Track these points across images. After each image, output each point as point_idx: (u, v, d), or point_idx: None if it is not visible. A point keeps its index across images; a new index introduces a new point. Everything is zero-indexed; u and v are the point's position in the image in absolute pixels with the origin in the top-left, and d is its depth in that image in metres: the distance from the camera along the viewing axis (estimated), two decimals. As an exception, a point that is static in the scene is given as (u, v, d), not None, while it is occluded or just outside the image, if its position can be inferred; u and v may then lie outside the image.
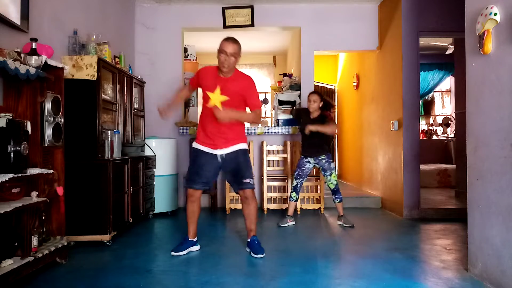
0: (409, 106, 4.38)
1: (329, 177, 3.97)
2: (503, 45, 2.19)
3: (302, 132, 3.99)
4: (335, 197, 4.00)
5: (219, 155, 2.90)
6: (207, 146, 2.91)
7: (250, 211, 2.99)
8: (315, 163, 3.98)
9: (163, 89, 5.10)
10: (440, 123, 8.16)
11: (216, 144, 2.88)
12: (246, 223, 3.05)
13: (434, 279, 2.40)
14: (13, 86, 2.48)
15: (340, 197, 3.99)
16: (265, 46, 7.53)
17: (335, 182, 3.99)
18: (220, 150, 2.89)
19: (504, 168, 2.16)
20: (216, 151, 2.89)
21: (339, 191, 4.00)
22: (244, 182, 2.93)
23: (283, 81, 5.61)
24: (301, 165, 4.00)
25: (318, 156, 3.94)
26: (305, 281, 2.37)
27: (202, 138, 2.94)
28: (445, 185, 6.58)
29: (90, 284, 2.34)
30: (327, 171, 3.95)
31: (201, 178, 2.93)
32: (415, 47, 4.40)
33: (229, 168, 2.95)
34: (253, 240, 2.97)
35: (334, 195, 4.00)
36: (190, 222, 3.01)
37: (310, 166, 4.00)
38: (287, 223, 3.95)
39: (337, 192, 3.99)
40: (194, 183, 2.93)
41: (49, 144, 2.60)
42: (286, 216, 4.03)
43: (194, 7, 5.12)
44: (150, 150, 4.41)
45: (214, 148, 2.89)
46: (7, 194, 2.28)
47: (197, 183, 2.93)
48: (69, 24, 3.36)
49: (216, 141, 2.88)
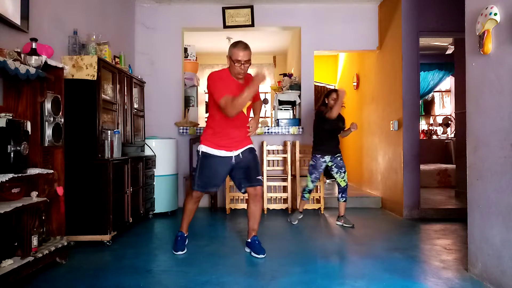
0: (409, 106, 4.38)
1: (343, 174, 3.95)
2: (503, 45, 2.19)
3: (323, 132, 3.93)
4: (342, 196, 3.99)
5: (234, 156, 2.87)
6: (222, 149, 2.85)
7: (258, 210, 2.98)
8: (330, 162, 3.95)
9: (163, 89, 5.11)
10: (440, 123, 8.16)
11: (234, 146, 2.86)
12: (250, 223, 3.01)
13: (434, 279, 2.40)
14: (13, 86, 2.48)
15: (346, 196, 4.00)
16: (265, 46, 7.54)
17: (347, 181, 4.00)
18: (236, 151, 2.87)
19: (504, 168, 2.16)
20: (232, 153, 2.86)
21: (347, 190, 4.01)
22: (257, 178, 2.92)
23: (283, 81, 5.61)
24: (318, 166, 3.94)
25: (335, 154, 3.94)
26: (305, 281, 2.37)
27: (216, 141, 2.85)
28: (445, 185, 6.58)
29: (90, 284, 2.34)
30: (341, 168, 3.94)
31: (215, 182, 2.89)
32: (415, 47, 4.40)
33: (244, 165, 2.90)
34: (254, 240, 2.97)
35: (341, 194, 3.99)
36: (186, 219, 3.04)
37: (325, 166, 3.98)
38: (296, 221, 4.02)
39: (345, 191, 3.99)
40: (206, 187, 2.89)
41: (49, 144, 2.60)
42: (298, 212, 4.09)
43: (194, 7, 5.12)
44: (150, 150, 4.41)
45: (230, 150, 2.86)
46: (7, 194, 2.28)
47: (209, 188, 2.90)
48: (69, 24, 3.36)
49: (234, 144, 2.87)
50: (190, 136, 5.01)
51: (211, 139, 2.86)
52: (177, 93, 5.19)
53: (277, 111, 5.32)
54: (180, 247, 2.97)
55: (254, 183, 2.91)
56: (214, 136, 2.86)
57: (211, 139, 2.86)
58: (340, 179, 3.97)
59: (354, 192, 5.68)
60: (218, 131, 2.85)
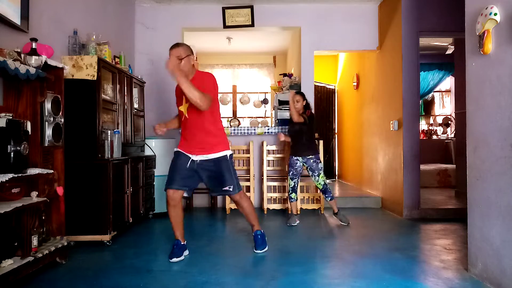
0: (409, 106, 4.38)
1: (316, 178, 4.00)
2: (503, 45, 2.19)
3: (290, 132, 4.12)
4: (326, 196, 4.05)
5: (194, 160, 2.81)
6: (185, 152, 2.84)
7: (244, 210, 2.99)
8: (303, 162, 4.02)
9: (163, 89, 5.11)
10: (440, 123, 8.16)
11: (192, 151, 2.81)
12: (247, 220, 3.08)
13: (434, 279, 2.40)
14: (13, 86, 2.48)
15: (330, 195, 4.02)
16: (265, 46, 7.53)
17: (323, 183, 4.02)
18: (194, 156, 2.81)
19: (504, 168, 2.16)
20: (192, 156, 2.81)
21: (328, 190, 4.03)
22: (223, 190, 2.86)
23: (283, 81, 5.61)
24: (292, 164, 4.05)
25: (306, 156, 3.99)
26: (305, 281, 2.37)
27: (181, 143, 2.89)
28: (445, 185, 6.58)
29: (90, 284, 2.33)
30: (314, 171, 3.98)
31: (180, 177, 2.79)
32: (415, 47, 4.40)
33: (205, 175, 2.84)
34: (256, 235, 3.00)
35: (325, 194, 4.06)
36: (177, 228, 2.87)
37: (301, 164, 4.05)
38: (296, 221, 4.00)
39: (326, 191, 4.03)
40: (173, 182, 2.78)
41: (49, 144, 2.60)
42: (293, 215, 4.06)
43: (194, 7, 5.12)
44: (150, 150, 4.41)
45: (190, 154, 2.82)
46: (7, 194, 2.28)
47: (175, 182, 2.78)
48: (69, 24, 3.36)
49: (191, 148, 2.81)
50: (190, 136, 5.00)
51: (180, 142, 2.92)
52: (177, 93, 5.18)
53: (277, 111, 5.33)
54: (176, 254, 2.82)
55: (221, 193, 2.91)
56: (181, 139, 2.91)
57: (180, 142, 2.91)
58: (315, 182, 4.04)
59: (354, 192, 5.69)
60: (183, 136, 2.89)
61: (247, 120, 8.07)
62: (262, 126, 5.04)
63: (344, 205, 4.91)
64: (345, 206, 4.88)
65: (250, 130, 4.94)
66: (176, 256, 2.81)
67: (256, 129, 4.95)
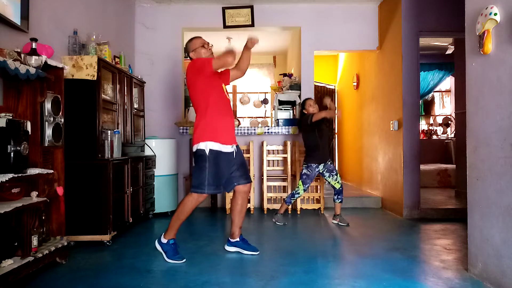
0: (409, 106, 4.38)
1: (335, 177, 3.94)
2: (503, 45, 2.19)
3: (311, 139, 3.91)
4: (338, 197, 3.98)
5: (234, 150, 2.79)
6: (228, 144, 2.74)
7: (246, 206, 2.99)
8: (322, 169, 3.93)
9: (163, 89, 5.12)
10: (440, 123, 8.16)
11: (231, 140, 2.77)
12: (236, 221, 2.95)
13: (434, 279, 2.40)
14: (13, 86, 2.48)
15: (342, 198, 3.99)
16: (265, 46, 7.53)
17: (341, 182, 3.99)
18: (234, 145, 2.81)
19: (504, 168, 2.16)
20: (232, 147, 2.78)
21: (342, 192, 4.00)
22: (249, 175, 2.90)
23: (283, 81, 5.61)
24: (312, 176, 3.92)
25: (328, 160, 3.94)
26: (305, 281, 2.37)
27: (221, 135, 2.69)
28: (445, 185, 6.58)
29: (90, 284, 2.34)
30: (332, 171, 3.94)
31: (223, 181, 2.77)
32: (415, 47, 4.40)
33: (239, 160, 2.84)
34: (243, 238, 3.00)
35: (337, 195, 3.98)
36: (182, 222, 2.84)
37: (317, 171, 3.95)
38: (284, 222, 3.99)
39: (341, 193, 3.98)
40: (217, 187, 2.73)
41: (49, 144, 2.60)
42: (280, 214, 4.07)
43: (194, 7, 5.12)
44: (150, 150, 4.41)
45: (231, 144, 2.78)
46: (7, 194, 2.28)
47: (219, 187, 2.75)
48: (69, 24, 3.36)
49: (231, 135, 2.78)
50: (190, 136, 5.00)
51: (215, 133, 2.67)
52: (177, 93, 5.19)
53: (277, 111, 5.32)
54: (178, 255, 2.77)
55: (249, 179, 2.90)
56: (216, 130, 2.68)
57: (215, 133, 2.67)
58: (334, 181, 3.94)
59: (354, 192, 5.69)
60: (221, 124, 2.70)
61: (247, 120, 8.06)
62: (262, 126, 5.04)
63: (344, 205, 4.89)
64: (345, 206, 4.87)
65: (250, 130, 4.94)
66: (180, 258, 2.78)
67: (256, 129, 4.95)
